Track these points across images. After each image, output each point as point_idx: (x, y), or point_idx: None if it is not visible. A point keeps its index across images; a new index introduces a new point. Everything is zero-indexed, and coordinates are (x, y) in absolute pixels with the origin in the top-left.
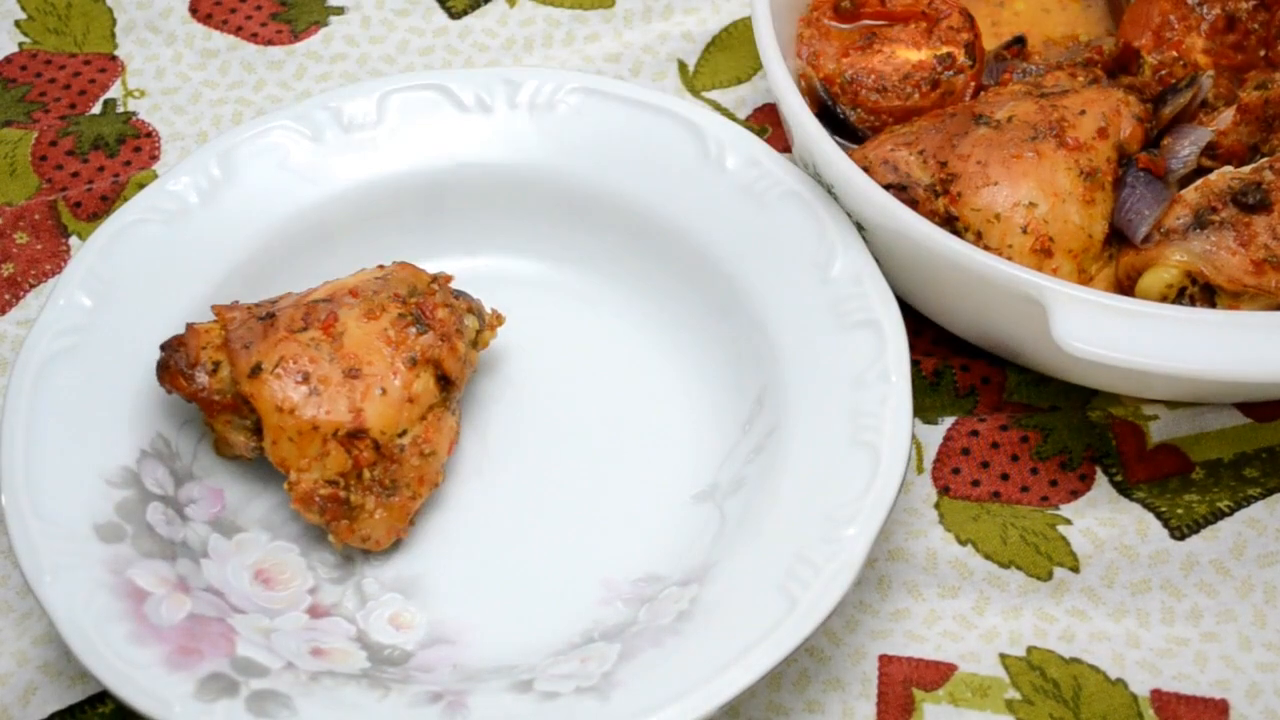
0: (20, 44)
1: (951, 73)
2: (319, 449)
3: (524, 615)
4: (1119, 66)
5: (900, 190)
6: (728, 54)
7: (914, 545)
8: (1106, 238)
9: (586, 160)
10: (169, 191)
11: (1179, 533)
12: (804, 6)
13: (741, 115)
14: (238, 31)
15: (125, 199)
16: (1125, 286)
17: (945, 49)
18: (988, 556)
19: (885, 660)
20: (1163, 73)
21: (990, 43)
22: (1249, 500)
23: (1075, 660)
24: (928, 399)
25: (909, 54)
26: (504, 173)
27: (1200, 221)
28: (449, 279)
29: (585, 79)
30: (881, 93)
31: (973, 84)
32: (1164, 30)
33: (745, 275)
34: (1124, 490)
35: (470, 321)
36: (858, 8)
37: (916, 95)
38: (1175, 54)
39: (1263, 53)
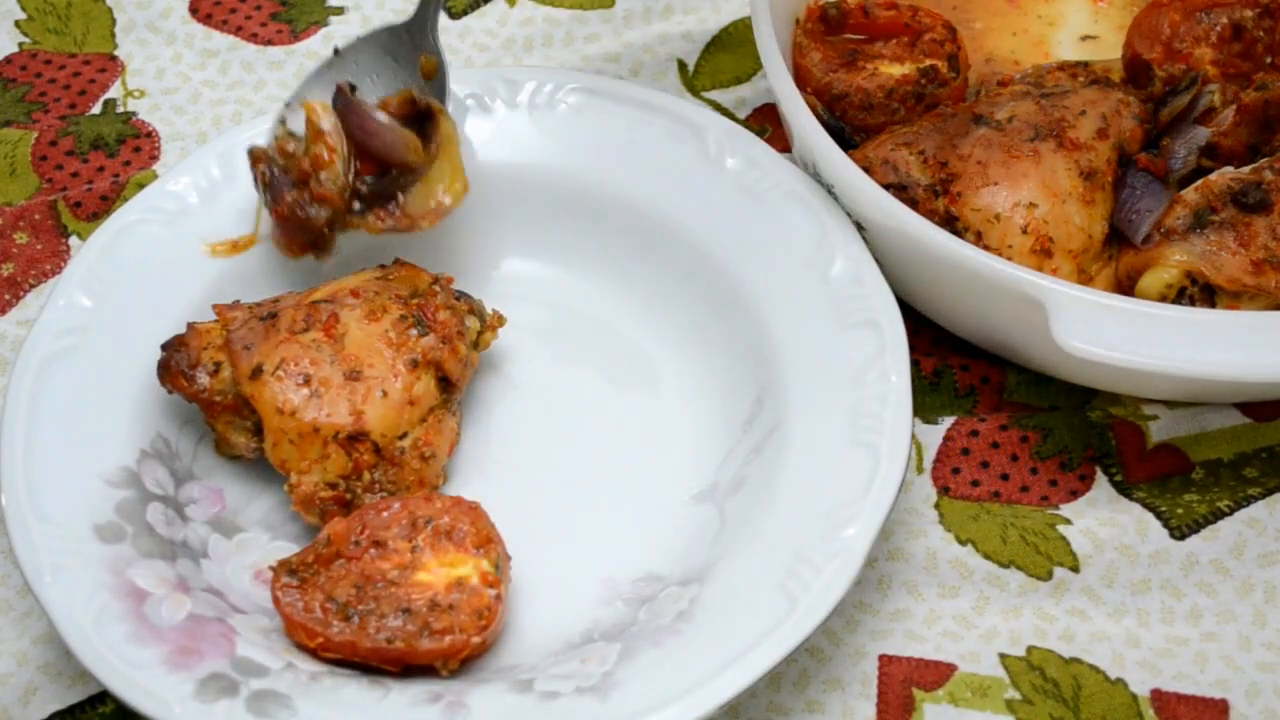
0: (20, 44)
1: (935, 85)
2: (319, 451)
3: (524, 615)
4: (1129, 78)
5: (900, 190)
6: (728, 54)
7: (914, 545)
8: (1106, 238)
9: (586, 160)
10: (169, 191)
11: (1179, 533)
12: (803, 7)
13: (741, 115)
14: (238, 31)
15: (125, 199)
16: (1125, 286)
17: (928, 62)
18: (987, 556)
19: (885, 660)
20: (1171, 86)
21: (1003, 50)
22: (1249, 500)
23: (1075, 660)
24: (928, 399)
25: (892, 69)
26: (504, 173)
27: (1200, 221)
28: (450, 280)
29: (585, 79)
30: (868, 110)
31: (956, 95)
32: (1174, 42)
33: (745, 275)
34: (1124, 490)
35: (471, 323)
36: (843, 16)
37: (902, 110)
38: (1185, 66)
39: (1269, 60)
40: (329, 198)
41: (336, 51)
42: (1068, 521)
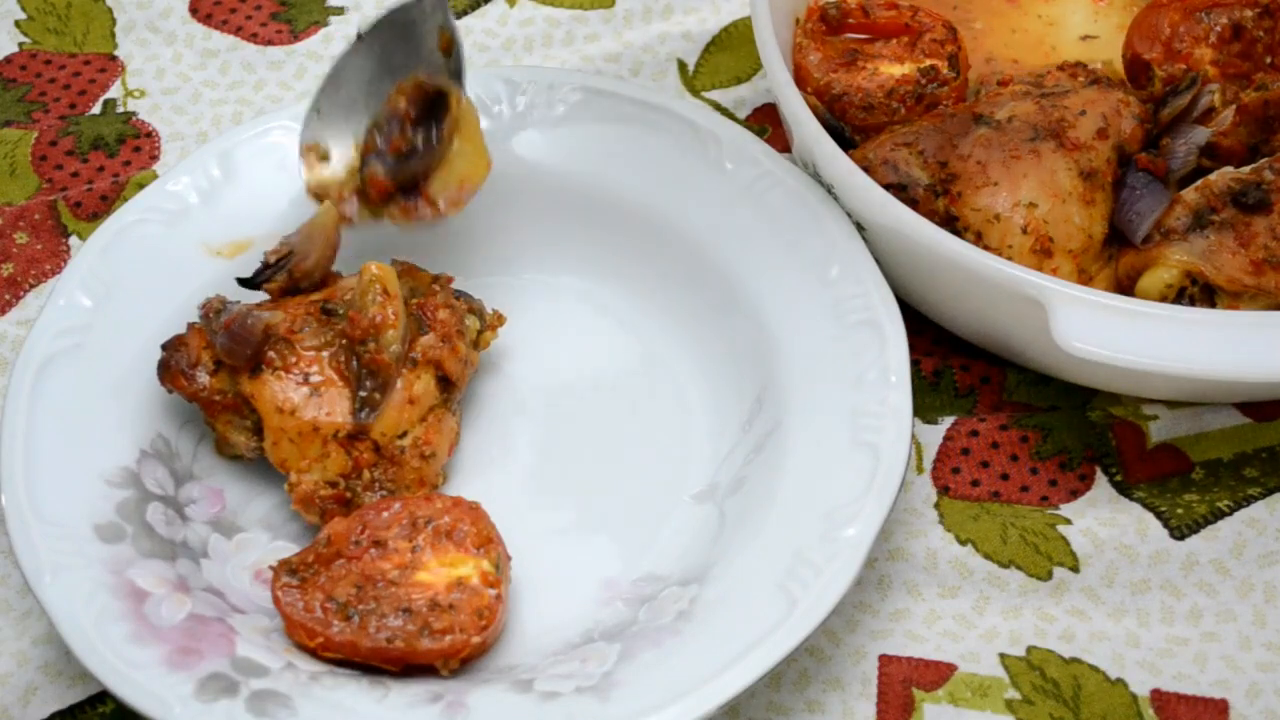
0: (20, 44)
1: (935, 85)
2: (319, 450)
3: (524, 615)
4: (1129, 78)
5: (900, 190)
6: (728, 54)
7: (914, 545)
8: (1106, 238)
9: (586, 160)
10: (169, 191)
11: (1179, 533)
12: (803, 7)
13: (741, 115)
14: (238, 31)
15: (125, 199)
16: (1125, 286)
17: (928, 62)
18: (988, 556)
19: (885, 660)
20: (1171, 85)
21: (1003, 50)
22: (1249, 500)
23: (1075, 660)
24: (928, 399)
25: (892, 69)
26: (503, 173)
27: (1200, 221)
28: (450, 279)
29: (585, 79)
30: (868, 110)
31: (956, 95)
32: (1174, 42)
33: (745, 275)
34: (1124, 490)
35: (471, 322)
36: (843, 17)
37: (902, 110)
38: (1185, 66)
39: (1269, 60)
40: (384, 366)
41: (359, 36)
42: (1068, 521)
